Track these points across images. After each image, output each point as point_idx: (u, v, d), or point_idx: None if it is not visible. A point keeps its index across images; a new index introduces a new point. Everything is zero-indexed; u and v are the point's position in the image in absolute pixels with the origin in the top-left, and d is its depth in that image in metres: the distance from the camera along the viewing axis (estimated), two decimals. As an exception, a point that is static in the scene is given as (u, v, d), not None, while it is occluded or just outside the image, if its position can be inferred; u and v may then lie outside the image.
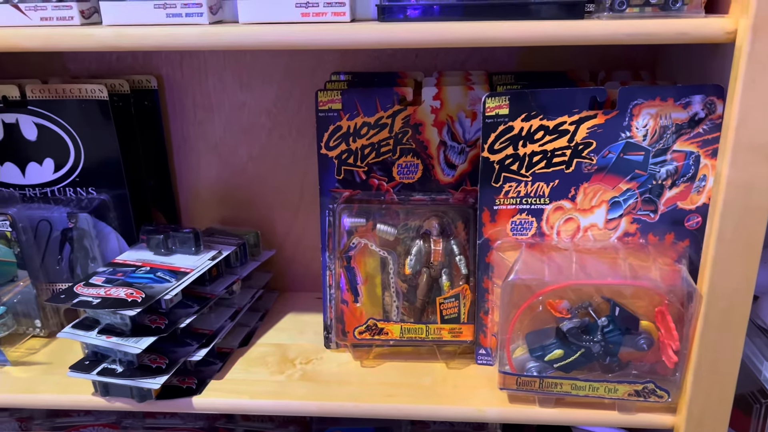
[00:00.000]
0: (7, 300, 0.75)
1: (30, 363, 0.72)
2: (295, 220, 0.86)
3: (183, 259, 0.73)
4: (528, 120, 0.58)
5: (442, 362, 0.71)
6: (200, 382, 0.68)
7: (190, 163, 0.84)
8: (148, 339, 0.63)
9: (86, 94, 0.71)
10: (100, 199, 0.75)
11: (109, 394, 0.66)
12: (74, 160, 0.74)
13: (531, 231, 0.62)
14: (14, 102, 0.72)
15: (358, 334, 0.70)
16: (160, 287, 0.66)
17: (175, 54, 0.79)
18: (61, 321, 0.78)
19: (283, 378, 0.69)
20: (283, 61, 0.78)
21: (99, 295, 0.64)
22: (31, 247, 0.73)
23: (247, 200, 0.85)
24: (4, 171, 0.75)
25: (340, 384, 0.68)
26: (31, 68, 0.79)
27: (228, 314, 0.74)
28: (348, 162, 0.70)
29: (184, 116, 0.81)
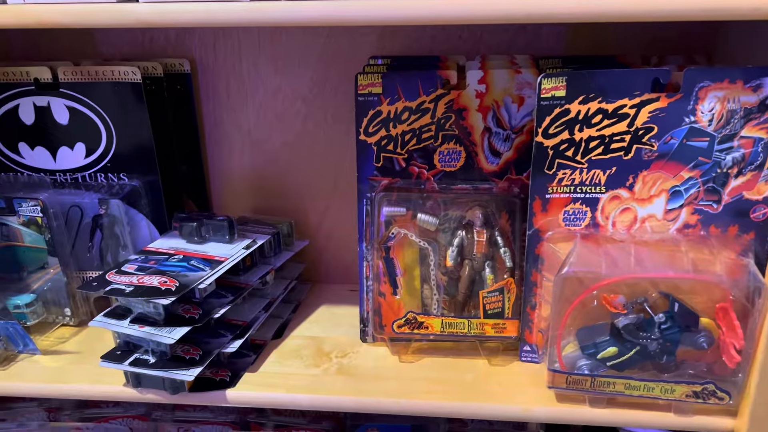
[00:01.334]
0: (37, 287, 0.73)
1: (60, 352, 0.71)
2: (329, 210, 0.83)
3: (217, 248, 0.70)
4: (586, 103, 0.54)
5: (484, 358, 0.68)
6: (234, 374, 0.66)
7: (222, 150, 0.81)
8: (182, 329, 0.61)
9: (119, 76, 0.69)
10: (132, 186, 0.73)
11: (140, 386, 0.64)
12: (106, 145, 0.72)
13: (585, 221, 0.59)
14: (46, 84, 0.70)
15: (397, 327, 0.67)
16: (194, 276, 0.64)
17: (209, 36, 0.77)
18: (91, 310, 0.76)
19: (319, 372, 0.67)
20: (319, 44, 0.75)
21: (132, 283, 0.62)
22: (62, 234, 0.71)
23: (280, 189, 0.83)
24: (35, 155, 0.73)
25: (378, 379, 0.65)
26: (63, 50, 0.78)
27: (262, 305, 0.72)
28: (387, 149, 0.67)
29: (217, 101, 0.79)
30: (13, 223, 0.71)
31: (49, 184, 0.72)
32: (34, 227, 0.70)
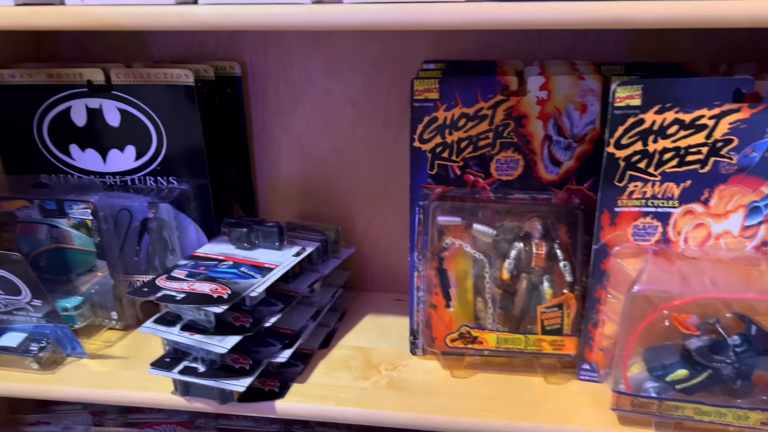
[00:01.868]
0: (84, 290, 0.73)
1: (107, 356, 0.70)
2: (376, 217, 0.82)
3: (266, 254, 0.69)
4: (662, 112, 0.52)
5: (539, 376, 0.66)
6: (282, 385, 0.64)
7: (270, 155, 0.80)
8: (234, 338, 0.60)
9: (171, 79, 0.68)
10: (181, 189, 0.72)
11: (189, 394, 0.63)
12: (156, 148, 0.71)
13: (655, 236, 0.56)
14: (99, 86, 0.70)
15: (450, 341, 0.65)
16: (245, 283, 0.63)
17: (261, 39, 0.75)
18: (137, 313, 0.75)
19: (368, 385, 0.65)
20: (372, 47, 0.74)
21: (183, 290, 0.61)
22: (111, 237, 0.71)
23: (327, 194, 0.81)
24: (85, 157, 0.73)
25: (430, 394, 0.63)
26: (114, 52, 0.77)
27: (309, 314, 0.71)
28: (442, 156, 0.65)
29: (266, 105, 0.78)
30: (63, 225, 0.70)
31: (99, 186, 0.72)
32: (83, 230, 0.70)
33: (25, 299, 0.65)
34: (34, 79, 0.70)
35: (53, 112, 0.71)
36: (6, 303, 0.66)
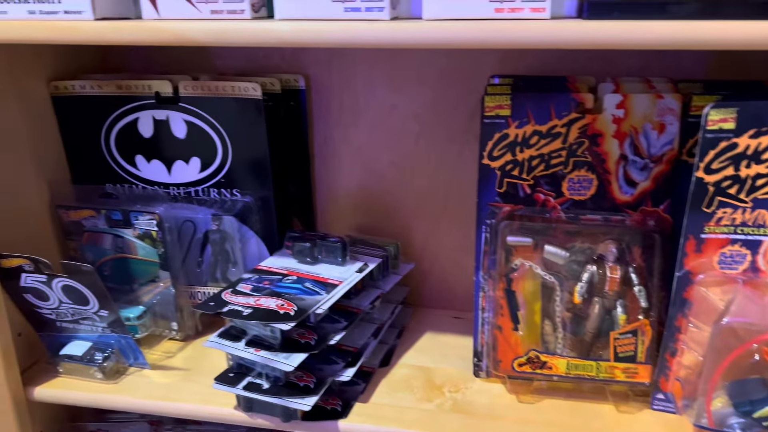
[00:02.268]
0: (146, 300, 0.73)
1: (168, 367, 0.70)
2: (435, 233, 0.80)
3: (329, 270, 0.68)
4: (757, 137, 0.49)
5: (610, 404, 0.63)
6: (345, 404, 0.63)
7: (330, 168, 0.80)
8: (300, 356, 0.59)
9: (239, 92, 0.68)
10: (244, 202, 0.72)
11: (252, 411, 0.62)
12: (221, 161, 0.71)
13: (743, 265, 0.53)
14: (166, 98, 0.70)
15: (518, 365, 0.63)
16: (310, 299, 0.62)
17: (325, 53, 0.75)
18: (197, 325, 0.76)
19: (432, 407, 0.63)
20: (439, 62, 0.73)
21: (249, 305, 0.61)
22: (175, 248, 0.71)
23: (386, 209, 0.80)
24: (150, 168, 0.73)
25: (497, 419, 0.62)
26: (179, 64, 0.78)
27: (370, 331, 0.69)
28: (512, 174, 0.64)
29: (329, 118, 0.78)
30: (128, 236, 0.71)
31: (166, 198, 0.72)
32: (148, 240, 0.70)
33: (92, 309, 0.66)
34: (104, 90, 0.71)
35: (121, 123, 0.72)
36: (73, 312, 0.67)
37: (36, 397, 0.67)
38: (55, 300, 0.66)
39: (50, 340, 0.69)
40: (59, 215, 0.73)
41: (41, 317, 0.68)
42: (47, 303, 0.66)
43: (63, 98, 0.72)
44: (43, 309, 0.67)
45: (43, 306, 0.67)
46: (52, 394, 0.68)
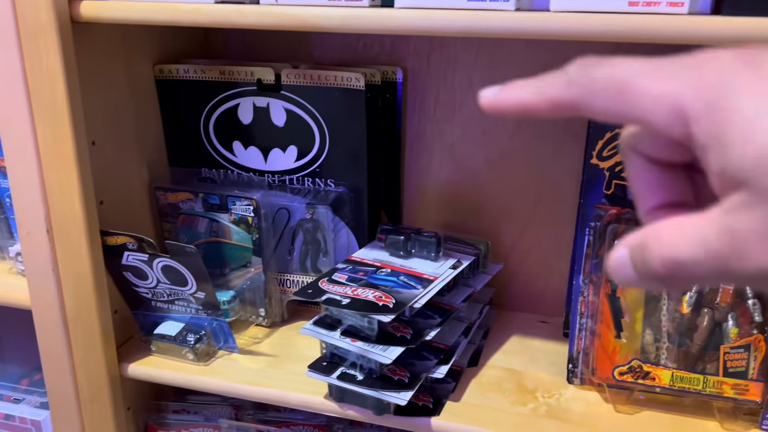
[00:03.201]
0: (236, 285, 0.74)
1: (256, 353, 0.71)
2: (525, 233, 0.78)
3: (422, 264, 0.67)
4: None
5: (715, 421, 0.60)
6: (436, 401, 0.62)
7: (421, 163, 0.79)
8: (397, 349, 0.58)
9: (342, 82, 0.68)
10: (338, 193, 0.72)
11: (343, 401, 0.62)
12: (317, 150, 0.71)
13: None
14: (268, 86, 0.70)
15: (618, 374, 0.61)
16: (407, 293, 0.61)
17: (425, 45, 0.74)
18: (283, 312, 0.76)
19: (526, 411, 0.62)
20: (542, 57, 0.71)
21: (347, 295, 0.61)
22: (269, 235, 0.71)
23: (476, 206, 0.79)
24: (247, 155, 0.74)
25: (594, 428, 0.60)
26: (278, 52, 0.78)
27: (460, 329, 0.68)
28: (621, 175, 0.62)
29: (423, 112, 0.77)
30: (223, 220, 0.72)
31: (263, 184, 0.73)
32: (243, 226, 0.71)
33: (189, 290, 0.67)
34: (207, 75, 0.72)
35: (221, 108, 0.73)
36: (170, 292, 0.68)
37: (129, 373, 0.69)
38: (154, 279, 0.67)
39: (144, 318, 0.71)
40: (157, 197, 0.74)
41: (137, 296, 0.69)
42: (145, 282, 0.68)
43: (166, 81, 0.73)
44: (140, 288, 0.68)
45: (140, 285, 0.68)
46: (144, 371, 0.69)
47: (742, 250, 0.20)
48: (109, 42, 0.65)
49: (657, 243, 0.22)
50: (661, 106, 0.22)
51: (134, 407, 0.74)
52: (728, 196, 0.20)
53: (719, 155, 0.20)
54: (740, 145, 0.19)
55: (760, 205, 0.19)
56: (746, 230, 0.20)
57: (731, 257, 0.20)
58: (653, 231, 0.22)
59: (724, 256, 0.20)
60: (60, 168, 0.61)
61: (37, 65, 0.58)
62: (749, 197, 0.19)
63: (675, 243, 0.21)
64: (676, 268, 0.21)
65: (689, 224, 0.21)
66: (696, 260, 0.21)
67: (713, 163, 0.20)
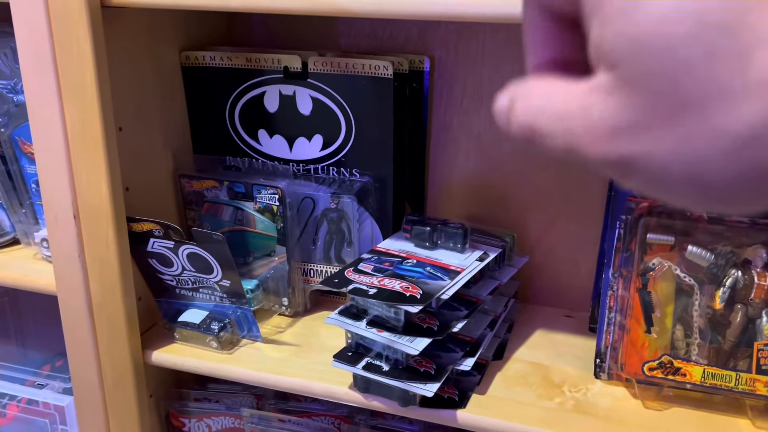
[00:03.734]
0: (260, 274, 0.74)
1: (279, 342, 0.70)
2: (552, 227, 0.77)
3: (448, 256, 0.67)
4: None
5: (746, 418, 0.59)
6: (461, 394, 0.62)
7: (447, 153, 0.78)
8: (424, 340, 0.58)
9: (369, 70, 0.67)
10: (363, 182, 0.71)
11: (368, 392, 0.62)
12: (343, 140, 0.71)
13: None
14: (294, 74, 0.70)
15: (648, 370, 0.60)
16: (434, 284, 0.61)
17: (452, 35, 0.73)
18: (306, 302, 0.76)
19: (553, 405, 0.61)
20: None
21: (373, 285, 0.60)
22: (294, 224, 0.71)
23: (502, 198, 0.78)
24: (272, 143, 0.74)
25: (623, 423, 0.59)
26: (304, 40, 0.78)
27: (486, 322, 0.68)
28: (653, 169, 0.60)
29: (450, 102, 0.76)
30: (248, 209, 0.71)
31: (289, 173, 0.72)
32: (268, 215, 0.71)
33: (215, 278, 0.66)
34: (233, 62, 0.72)
35: (247, 96, 0.72)
36: (195, 280, 0.68)
37: (153, 360, 0.69)
38: (179, 266, 0.67)
39: (167, 306, 0.71)
40: (182, 185, 0.74)
41: (162, 283, 0.69)
42: (170, 269, 0.68)
43: (192, 68, 0.73)
44: (165, 275, 0.68)
45: (165, 272, 0.68)
46: (167, 358, 0.69)
47: (593, 135, 0.18)
48: (136, 28, 0.65)
49: (524, 104, 0.21)
50: None
51: (156, 395, 0.74)
52: (597, 74, 0.19)
53: (597, 29, 0.18)
54: (618, 23, 0.18)
55: (620, 92, 0.18)
56: (601, 116, 0.18)
57: (583, 140, 0.19)
58: (526, 89, 0.21)
59: (576, 137, 0.19)
60: (88, 153, 0.61)
61: (67, 50, 0.57)
62: (613, 81, 0.18)
63: (539, 110, 0.20)
64: (533, 136, 0.20)
65: (558, 93, 0.20)
66: (552, 133, 0.20)
67: (592, 35, 0.19)
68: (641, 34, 0.17)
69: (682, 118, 0.17)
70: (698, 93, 0.17)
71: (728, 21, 0.16)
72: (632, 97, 0.18)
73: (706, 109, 0.17)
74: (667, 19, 0.17)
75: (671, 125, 0.17)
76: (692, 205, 0.19)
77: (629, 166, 0.18)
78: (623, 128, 0.18)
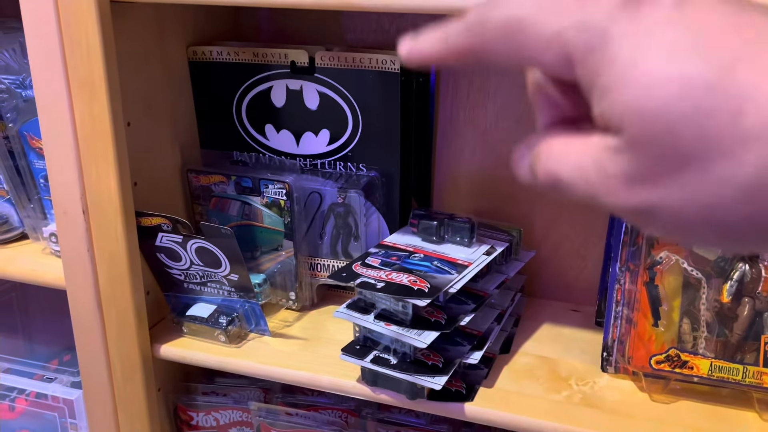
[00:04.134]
0: (267, 269, 0.74)
1: (286, 336, 0.71)
2: (558, 221, 0.78)
3: (455, 250, 0.67)
4: None
5: (753, 411, 0.59)
6: (469, 387, 0.62)
7: (453, 148, 0.78)
8: (432, 334, 0.58)
9: (377, 65, 0.67)
10: (369, 177, 0.72)
11: (376, 385, 0.62)
12: (350, 134, 0.71)
13: None
14: (301, 68, 0.70)
15: (655, 363, 0.60)
16: (442, 278, 0.61)
17: (459, 29, 0.73)
18: (313, 296, 0.76)
19: (561, 398, 0.61)
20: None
21: (381, 278, 0.60)
22: (301, 218, 0.71)
23: (509, 193, 0.78)
24: (279, 138, 0.74)
25: (630, 417, 0.59)
26: (310, 35, 0.78)
27: (493, 316, 0.68)
28: (661, 162, 0.60)
29: (456, 97, 0.76)
30: (255, 203, 0.72)
31: (296, 168, 0.72)
32: (275, 209, 0.71)
33: (223, 272, 0.67)
34: (240, 57, 0.72)
35: (254, 91, 0.72)
36: (203, 274, 0.68)
37: (162, 354, 0.69)
38: (187, 261, 0.67)
39: (176, 300, 0.71)
40: (189, 179, 0.74)
41: (170, 277, 0.70)
42: (178, 263, 0.68)
43: (199, 63, 0.73)
44: (173, 269, 0.69)
45: (174, 266, 0.68)
46: (176, 352, 0.69)
47: (610, 187, 0.21)
48: (144, 23, 0.65)
49: (546, 155, 0.23)
50: (550, 50, 0.21)
51: (164, 389, 0.75)
52: (606, 135, 0.21)
53: (597, 100, 0.20)
54: (615, 93, 0.19)
55: (629, 152, 0.20)
56: (614, 172, 0.20)
57: (601, 191, 0.21)
58: (548, 143, 0.23)
59: (595, 188, 0.21)
60: (97, 148, 0.61)
61: (76, 45, 0.58)
62: (620, 143, 0.20)
63: (560, 160, 0.22)
64: (557, 184, 0.23)
65: (574, 147, 0.22)
66: (573, 183, 0.22)
67: (594, 105, 0.21)
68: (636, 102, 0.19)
69: (687, 170, 0.19)
70: (697, 147, 0.18)
71: (713, 80, 0.18)
72: (640, 156, 0.20)
73: (708, 161, 0.18)
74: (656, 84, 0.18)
75: (679, 177, 0.19)
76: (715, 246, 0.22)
77: (648, 214, 0.20)
78: (636, 182, 0.20)
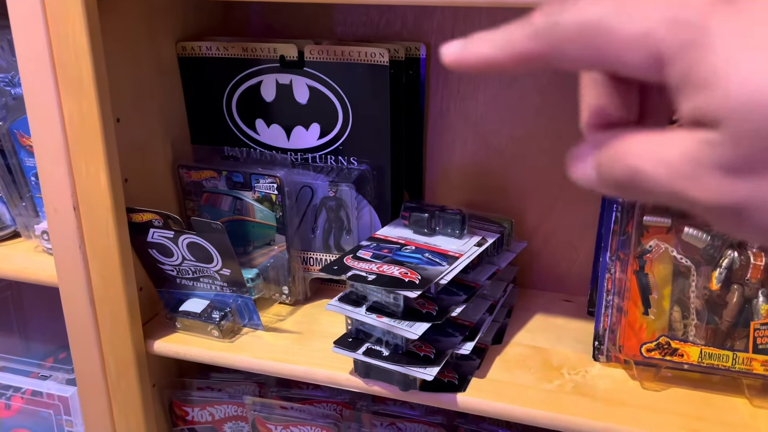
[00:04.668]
0: (259, 263, 0.74)
1: (280, 330, 0.71)
2: (550, 212, 0.78)
3: (446, 242, 0.67)
4: None
5: (743, 398, 0.60)
6: (461, 377, 0.62)
7: (443, 141, 0.78)
8: (423, 325, 0.58)
9: (366, 58, 0.67)
10: (360, 170, 0.72)
11: (369, 377, 0.62)
12: (340, 128, 0.71)
13: None
14: (291, 63, 0.70)
15: (646, 351, 0.61)
16: (432, 270, 0.61)
17: (448, 21, 0.73)
18: (306, 290, 0.76)
19: (552, 387, 0.62)
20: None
21: (372, 271, 0.61)
22: (293, 213, 0.71)
23: (500, 185, 0.78)
24: (270, 133, 0.74)
25: (622, 405, 0.59)
26: (300, 29, 0.78)
27: (485, 307, 0.68)
28: (649, 151, 0.61)
29: (446, 89, 0.76)
30: (247, 198, 0.72)
31: (287, 162, 0.72)
32: (267, 204, 0.71)
33: (215, 267, 0.67)
34: (230, 52, 0.72)
35: (244, 86, 0.72)
36: (195, 270, 0.68)
37: (155, 350, 0.69)
38: (179, 256, 0.67)
39: (169, 296, 0.71)
40: (180, 175, 0.74)
41: (162, 273, 0.70)
42: (170, 259, 0.68)
43: (189, 59, 0.73)
44: (165, 265, 0.69)
45: (166, 262, 0.68)
46: (170, 348, 0.69)
47: (702, 180, 0.20)
48: (132, 19, 0.65)
49: (626, 150, 0.22)
50: (637, 51, 0.21)
51: (159, 384, 0.75)
52: (699, 129, 0.20)
53: (691, 95, 0.20)
54: (714, 87, 0.19)
55: (728, 145, 0.20)
56: (710, 164, 0.20)
57: (690, 184, 0.21)
58: (627, 139, 0.23)
59: (683, 181, 0.21)
60: (86, 145, 0.61)
61: (64, 42, 0.58)
62: (721, 137, 0.20)
63: (643, 156, 0.22)
64: (638, 178, 0.22)
65: (657, 141, 0.22)
66: (657, 176, 0.21)
67: (686, 102, 0.20)
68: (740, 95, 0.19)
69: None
70: None
71: None
72: (740, 148, 0.19)
73: None
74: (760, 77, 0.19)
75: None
76: None
77: (740, 211, 0.20)
78: (733, 174, 0.20)
